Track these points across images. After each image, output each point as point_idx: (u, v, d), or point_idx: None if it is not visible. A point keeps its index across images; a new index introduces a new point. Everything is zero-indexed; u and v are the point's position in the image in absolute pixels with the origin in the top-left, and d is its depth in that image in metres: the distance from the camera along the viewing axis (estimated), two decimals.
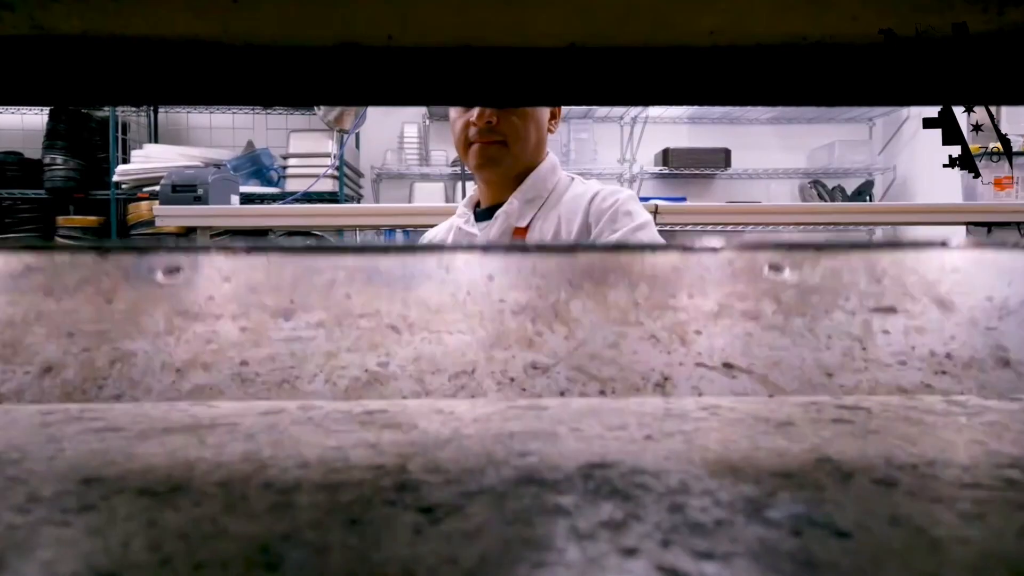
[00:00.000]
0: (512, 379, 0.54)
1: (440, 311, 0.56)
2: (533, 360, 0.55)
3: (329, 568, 0.28)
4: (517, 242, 1.21)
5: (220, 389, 0.54)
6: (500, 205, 1.27)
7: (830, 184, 4.31)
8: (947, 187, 3.15)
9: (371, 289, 0.56)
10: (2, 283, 0.56)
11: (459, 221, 1.32)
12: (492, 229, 1.25)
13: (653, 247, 0.57)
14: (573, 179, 1.32)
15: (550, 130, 1.29)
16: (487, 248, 0.55)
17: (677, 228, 4.24)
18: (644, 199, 4.13)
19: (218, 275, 0.56)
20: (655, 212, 2.30)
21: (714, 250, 0.55)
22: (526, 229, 1.23)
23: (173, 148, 3.92)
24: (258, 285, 0.56)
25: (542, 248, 0.60)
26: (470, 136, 1.23)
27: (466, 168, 1.36)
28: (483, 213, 1.31)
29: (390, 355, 0.55)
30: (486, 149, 1.23)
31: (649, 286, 0.56)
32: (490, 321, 0.56)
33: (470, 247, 0.57)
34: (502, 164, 1.24)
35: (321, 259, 0.56)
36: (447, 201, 4.16)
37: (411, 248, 0.62)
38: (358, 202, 4.25)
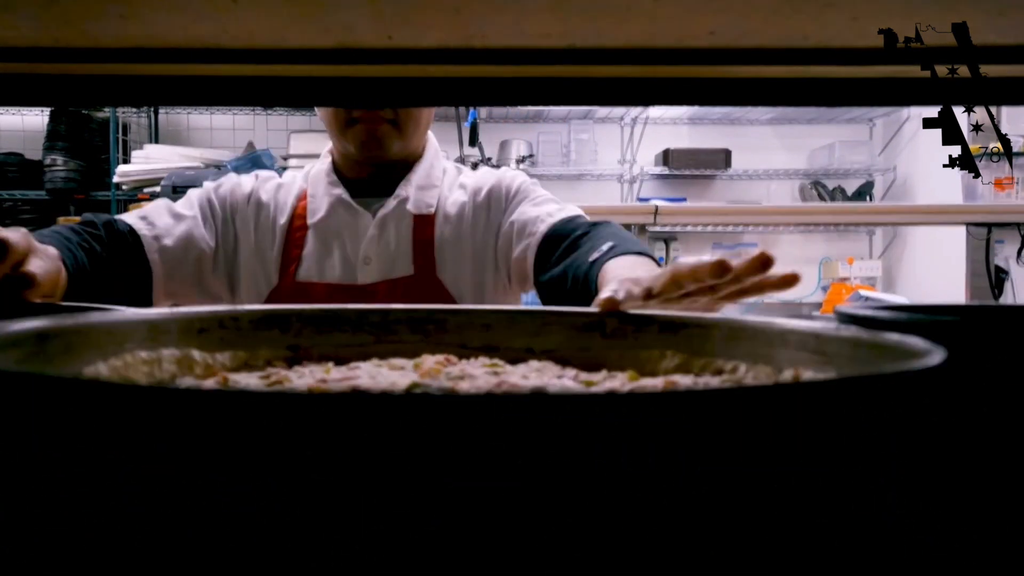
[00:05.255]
0: None
1: None
2: None
3: None
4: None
5: None
6: (375, 181, 1.11)
7: (830, 184, 4.31)
8: (947, 187, 3.14)
9: None
10: None
11: (337, 191, 1.10)
12: (386, 212, 1.09)
13: None
14: (460, 169, 1.20)
15: None
16: None
17: (677, 228, 4.24)
18: (644, 199, 4.14)
19: None
20: (655, 213, 2.30)
21: None
22: (432, 216, 1.10)
23: (173, 149, 3.92)
24: None
25: None
26: (353, 114, 1.05)
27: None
28: (358, 187, 1.11)
29: None
30: (375, 129, 1.05)
31: None
32: None
33: None
34: (391, 148, 1.07)
35: None
36: None
37: None
38: None
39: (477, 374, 0.46)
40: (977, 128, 0.50)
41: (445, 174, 1.16)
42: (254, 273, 1.09)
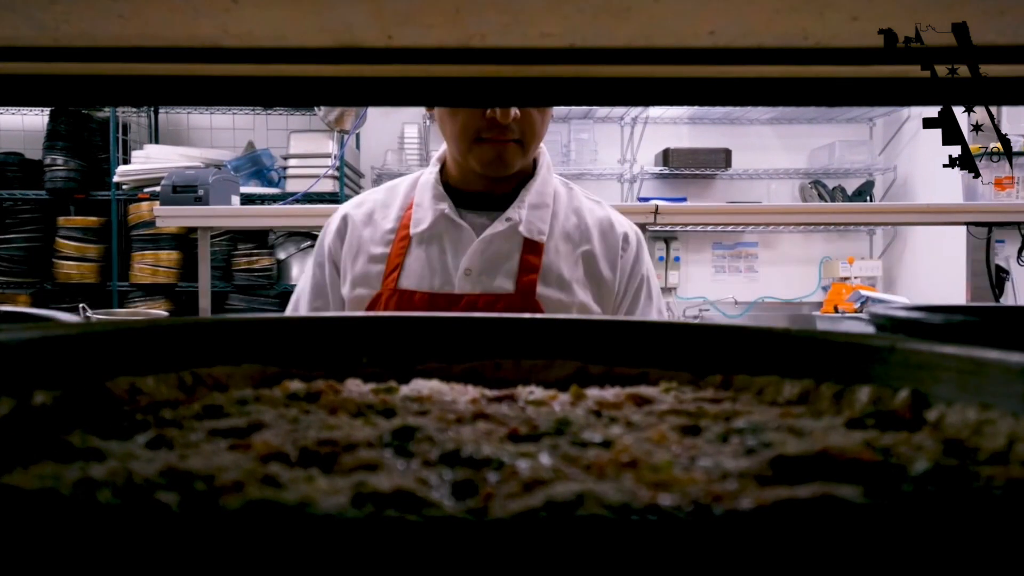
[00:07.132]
0: None
1: None
2: None
3: None
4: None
5: None
6: (486, 194, 1.16)
7: (830, 184, 4.31)
8: (947, 187, 3.15)
9: None
10: None
11: (441, 205, 1.14)
12: (494, 231, 1.12)
13: None
14: (570, 187, 1.24)
15: None
16: None
17: (677, 228, 4.24)
18: (644, 199, 4.14)
19: None
20: (655, 212, 2.30)
21: None
22: (542, 245, 1.13)
23: (173, 149, 3.92)
24: None
25: None
26: (482, 132, 1.08)
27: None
28: (465, 199, 1.16)
29: None
30: (503, 149, 1.09)
31: None
32: None
33: None
34: (514, 165, 1.12)
35: None
36: None
37: None
38: None
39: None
40: (977, 128, 0.50)
41: (556, 193, 1.20)
42: (364, 277, 1.16)
